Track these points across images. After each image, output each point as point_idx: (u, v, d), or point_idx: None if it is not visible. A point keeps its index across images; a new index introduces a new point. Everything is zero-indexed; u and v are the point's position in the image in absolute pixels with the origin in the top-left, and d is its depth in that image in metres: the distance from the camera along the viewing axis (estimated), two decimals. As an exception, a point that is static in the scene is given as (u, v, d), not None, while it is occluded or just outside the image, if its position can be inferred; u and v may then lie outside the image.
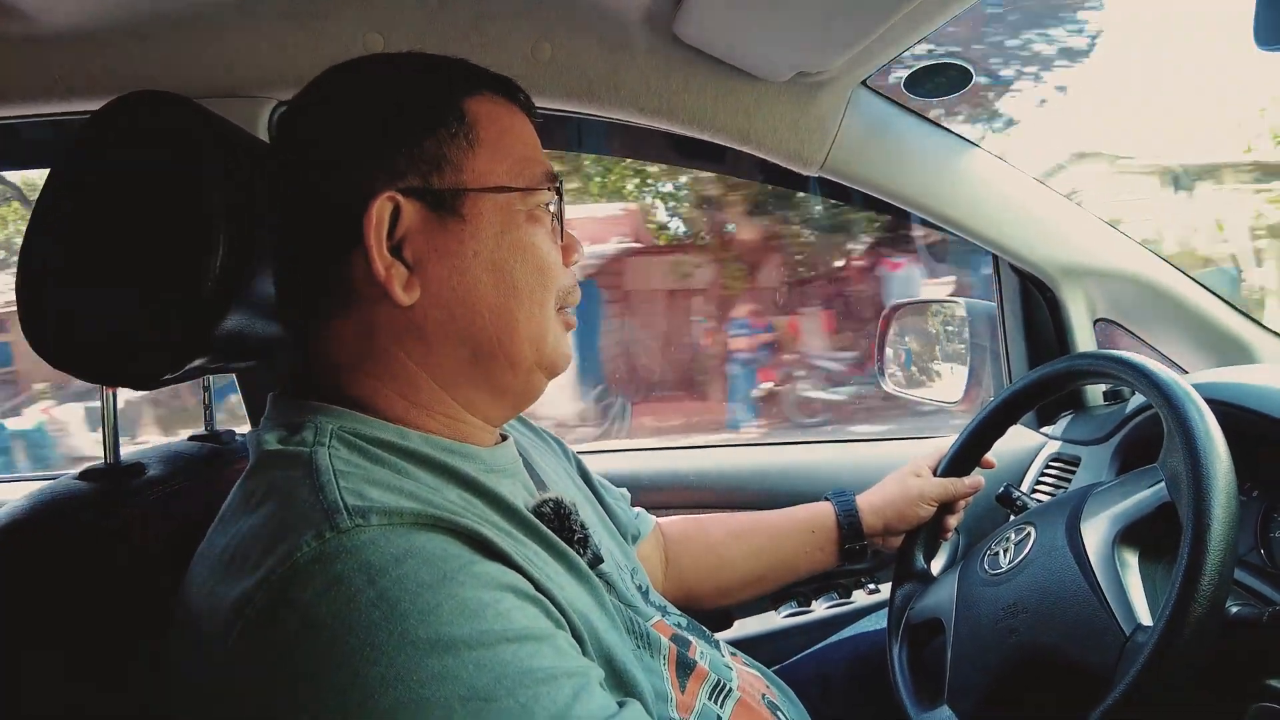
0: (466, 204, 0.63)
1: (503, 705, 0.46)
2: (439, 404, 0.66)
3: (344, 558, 0.48)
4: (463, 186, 0.63)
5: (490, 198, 0.64)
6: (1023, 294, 1.40)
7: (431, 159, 0.63)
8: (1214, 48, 6.56)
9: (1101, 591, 0.73)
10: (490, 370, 0.66)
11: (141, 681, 0.60)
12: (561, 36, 1.08)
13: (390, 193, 0.61)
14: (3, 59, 1.03)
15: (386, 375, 0.64)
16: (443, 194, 0.63)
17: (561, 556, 0.63)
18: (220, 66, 1.06)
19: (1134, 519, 0.76)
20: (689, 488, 1.40)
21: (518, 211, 0.66)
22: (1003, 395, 1.00)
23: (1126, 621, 0.70)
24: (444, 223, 0.63)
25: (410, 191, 0.62)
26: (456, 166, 0.63)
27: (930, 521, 1.03)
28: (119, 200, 0.68)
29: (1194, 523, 0.66)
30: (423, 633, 0.46)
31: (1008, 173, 1.26)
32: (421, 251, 0.62)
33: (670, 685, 0.68)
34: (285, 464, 0.57)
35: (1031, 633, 0.76)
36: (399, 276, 0.62)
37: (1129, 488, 0.80)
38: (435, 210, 0.63)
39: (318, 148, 0.64)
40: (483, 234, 0.64)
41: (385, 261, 0.61)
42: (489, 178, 0.64)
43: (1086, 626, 0.72)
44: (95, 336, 0.68)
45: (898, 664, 0.92)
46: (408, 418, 0.64)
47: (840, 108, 1.15)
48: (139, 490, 0.70)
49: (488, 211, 0.64)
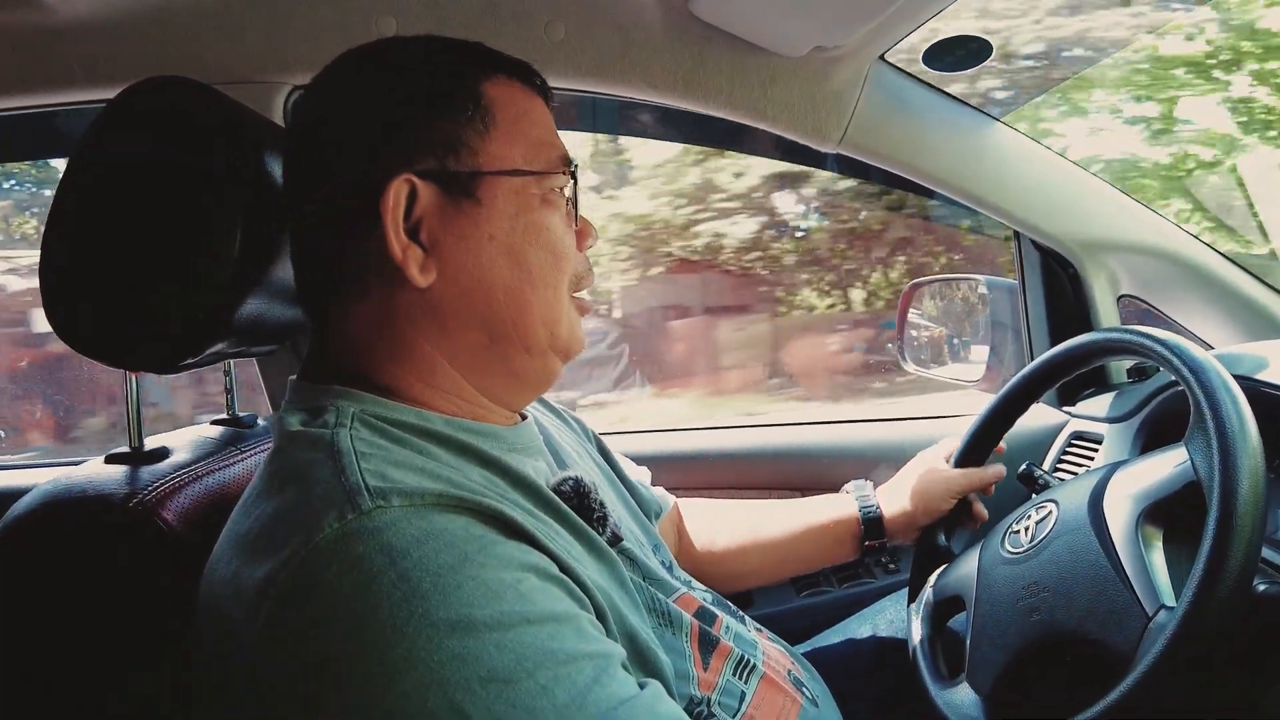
0: (482, 187, 0.64)
1: (523, 686, 0.46)
2: (456, 388, 0.66)
3: (365, 539, 0.49)
4: (478, 169, 0.64)
5: (505, 181, 0.65)
6: (1044, 270, 1.38)
7: (448, 142, 0.63)
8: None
9: (1124, 570, 0.72)
10: (506, 353, 0.67)
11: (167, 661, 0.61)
12: (575, 15, 1.08)
13: (407, 175, 0.61)
14: (23, 48, 1.04)
15: (404, 359, 0.65)
16: (458, 177, 0.63)
17: (581, 535, 0.63)
18: (236, 52, 1.07)
19: (1158, 498, 0.75)
20: (711, 467, 1.40)
21: (532, 195, 0.66)
22: (1022, 374, 0.99)
23: (1149, 601, 0.69)
24: (459, 205, 0.63)
25: (426, 174, 0.62)
26: (472, 150, 0.64)
27: (952, 512, 1.03)
28: (137, 186, 0.68)
29: (1220, 505, 0.65)
30: (444, 614, 0.47)
31: (1029, 147, 1.24)
32: (437, 233, 0.63)
33: (693, 663, 0.68)
34: (308, 446, 0.57)
35: (1052, 612, 0.76)
36: (415, 258, 0.62)
37: (1153, 466, 0.79)
38: (451, 193, 0.63)
39: (334, 130, 0.65)
40: (497, 217, 0.64)
41: (402, 243, 0.61)
42: (504, 161, 0.65)
43: (1108, 605, 0.71)
44: (116, 321, 0.69)
45: (918, 640, 0.92)
46: (426, 400, 0.65)
47: (858, 83, 1.13)
48: (164, 472, 0.71)
49: (502, 194, 0.64)
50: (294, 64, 1.08)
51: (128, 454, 0.75)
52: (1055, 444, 1.32)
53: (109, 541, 0.65)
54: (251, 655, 0.49)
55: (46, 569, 0.65)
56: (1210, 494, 0.67)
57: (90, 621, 0.65)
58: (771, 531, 1.06)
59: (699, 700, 0.66)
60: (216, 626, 0.54)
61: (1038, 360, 0.97)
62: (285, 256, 0.73)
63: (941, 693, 0.85)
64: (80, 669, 0.65)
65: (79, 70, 1.05)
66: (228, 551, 0.56)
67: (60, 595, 0.65)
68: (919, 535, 1.03)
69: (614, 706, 0.49)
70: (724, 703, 0.68)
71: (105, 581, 0.65)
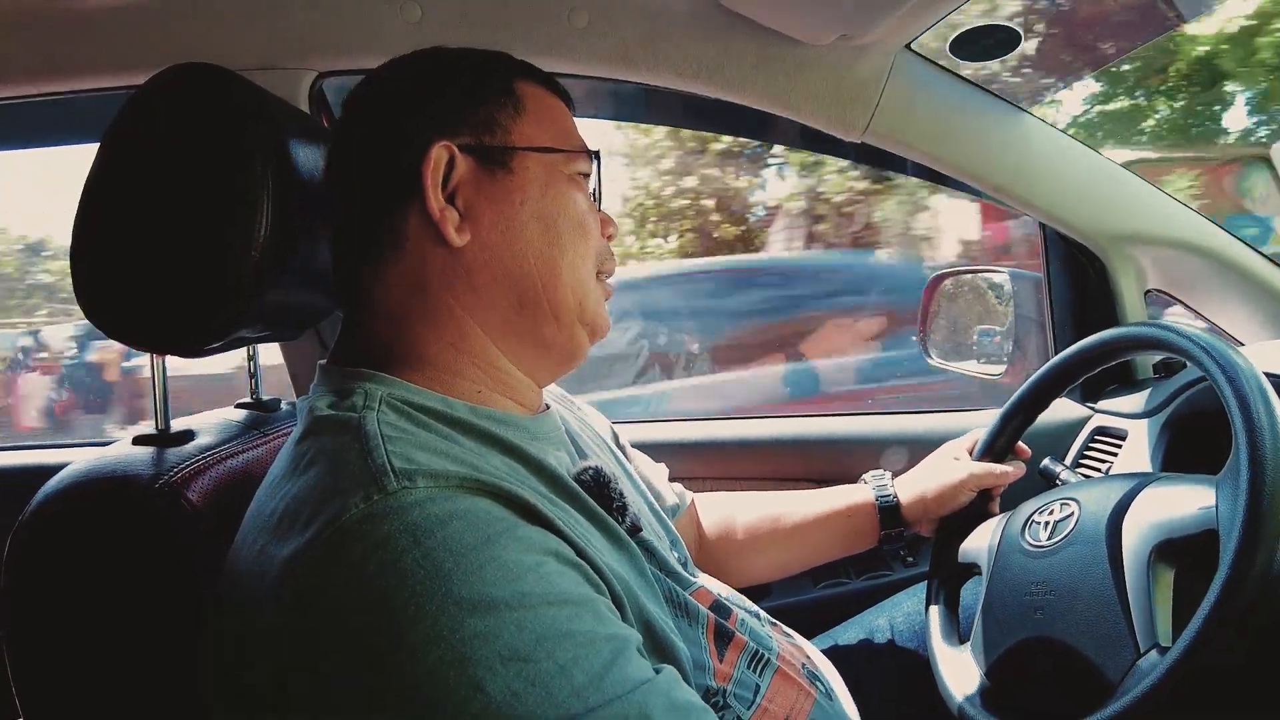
0: (515, 160, 0.68)
1: (542, 666, 0.47)
2: (485, 354, 0.69)
3: (390, 519, 0.49)
4: (511, 145, 0.69)
5: (536, 156, 0.69)
6: (1070, 264, 1.36)
7: (484, 121, 0.68)
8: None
9: (1127, 599, 0.72)
10: (536, 319, 0.69)
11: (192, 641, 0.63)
12: (599, 2, 1.07)
13: (445, 142, 0.66)
14: (53, 35, 1.05)
15: (436, 323, 0.67)
16: (492, 149, 0.68)
17: (601, 524, 0.64)
18: (261, 39, 1.08)
19: (1176, 535, 0.73)
20: (729, 457, 1.39)
21: (560, 172, 0.71)
22: (1047, 368, 0.98)
23: (1145, 637, 0.69)
24: (493, 174, 0.68)
25: (464, 147, 0.67)
26: (505, 129, 0.69)
27: (970, 505, 1.02)
28: (165, 172, 0.69)
29: (1230, 570, 0.64)
30: (465, 593, 0.47)
31: (1056, 138, 1.22)
32: (472, 199, 0.67)
33: (709, 654, 0.68)
34: (335, 429, 0.58)
35: (1053, 617, 0.76)
36: (451, 219, 0.66)
37: (1181, 497, 0.76)
38: (486, 164, 0.68)
39: (381, 110, 0.70)
40: (529, 186, 0.69)
41: (439, 203, 0.65)
42: (535, 140, 0.70)
43: (1104, 630, 0.72)
44: (144, 306, 0.70)
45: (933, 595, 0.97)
46: (454, 371, 0.67)
47: (883, 72, 1.12)
48: (190, 454, 0.72)
49: (534, 167, 0.69)
50: (319, 51, 1.09)
51: (154, 436, 0.76)
52: (1078, 439, 1.31)
53: (135, 521, 0.66)
54: (274, 632, 0.50)
55: (74, 546, 0.66)
56: (1224, 552, 0.66)
57: (115, 599, 0.66)
58: (789, 520, 1.06)
59: (715, 691, 0.66)
60: (240, 604, 0.55)
61: (1063, 354, 0.96)
62: (311, 242, 0.74)
63: (945, 654, 0.88)
64: (105, 646, 0.66)
65: (107, 57, 1.07)
66: (253, 531, 0.57)
67: (87, 572, 0.66)
68: (937, 526, 1.03)
69: (630, 689, 0.50)
70: (739, 694, 0.68)
71: (130, 560, 0.66)
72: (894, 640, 1.06)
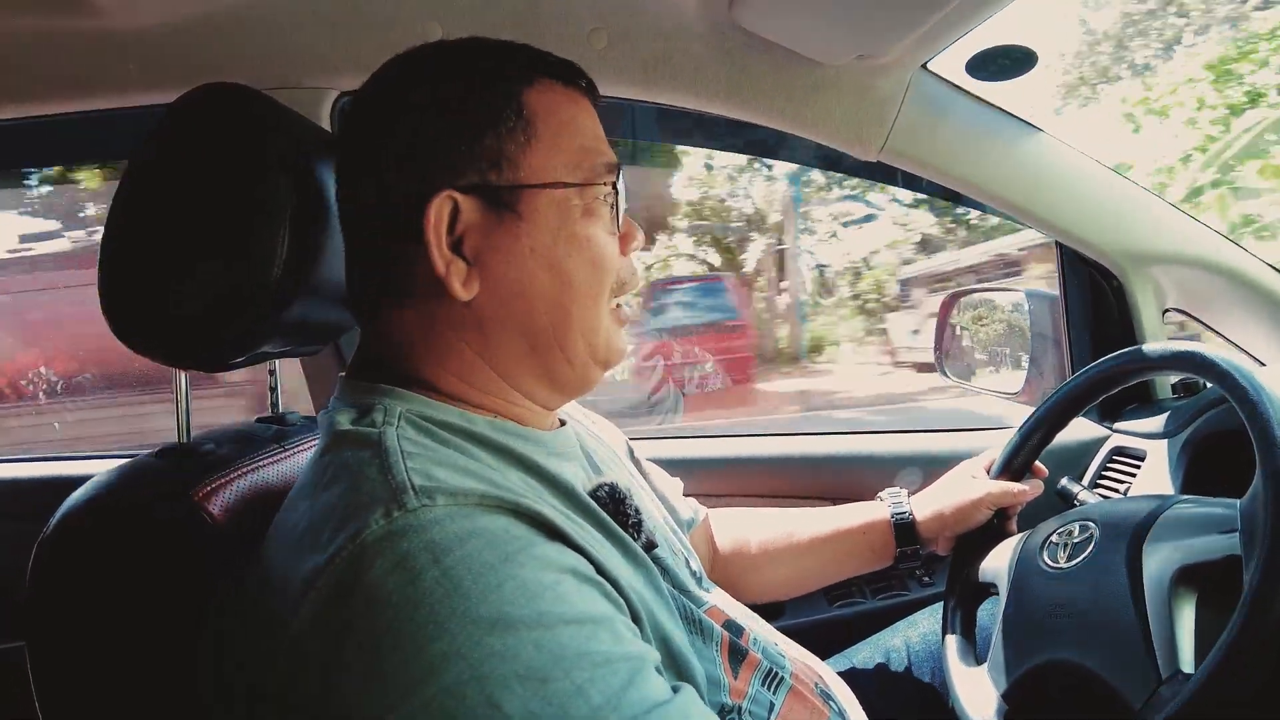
0: (523, 200, 0.64)
1: (559, 685, 0.47)
2: (497, 389, 0.68)
3: (410, 536, 0.49)
4: (519, 183, 0.64)
5: (547, 194, 0.65)
6: (1088, 282, 1.36)
7: (490, 156, 0.64)
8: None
9: (1148, 624, 0.71)
10: (547, 361, 0.68)
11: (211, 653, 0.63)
12: (617, 23, 1.08)
13: (449, 192, 0.62)
14: (82, 54, 1.07)
15: (448, 361, 0.66)
16: (500, 191, 0.64)
17: (617, 540, 0.64)
18: (284, 58, 1.09)
19: (1198, 560, 0.72)
20: (744, 474, 1.39)
21: (574, 206, 0.66)
22: (1065, 387, 0.98)
23: (1166, 664, 0.68)
24: (501, 218, 0.64)
25: (469, 189, 0.63)
26: (514, 163, 0.64)
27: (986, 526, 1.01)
28: (190, 189, 0.70)
29: (1251, 600, 0.63)
30: (484, 611, 0.47)
31: (1073, 157, 1.22)
32: (480, 247, 0.64)
33: (724, 671, 0.68)
34: (356, 444, 0.58)
35: (1072, 640, 0.75)
36: (458, 272, 0.63)
37: (1203, 521, 0.76)
38: (493, 207, 0.64)
39: (379, 145, 0.65)
40: (539, 230, 0.65)
41: (445, 258, 0.63)
42: (546, 173, 0.65)
43: (1125, 656, 0.71)
44: (169, 320, 0.70)
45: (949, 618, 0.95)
46: (469, 399, 0.66)
47: (900, 91, 1.13)
48: (212, 468, 0.73)
49: (544, 208, 0.65)
50: (341, 70, 1.10)
51: (177, 449, 0.77)
52: (1095, 459, 1.29)
53: (157, 534, 0.67)
54: (294, 647, 0.50)
55: (98, 559, 0.67)
56: (1248, 579, 0.65)
57: (137, 611, 0.67)
58: (803, 535, 1.05)
59: (730, 708, 0.66)
60: (261, 619, 0.55)
61: (1083, 371, 0.96)
62: (332, 259, 0.74)
63: (962, 675, 0.87)
64: (126, 658, 0.67)
65: (135, 76, 1.08)
66: (274, 545, 0.58)
67: (110, 584, 0.67)
68: (954, 545, 1.02)
69: (647, 710, 0.50)
70: (754, 712, 0.68)
71: (152, 572, 0.67)
72: (910, 661, 1.05)
